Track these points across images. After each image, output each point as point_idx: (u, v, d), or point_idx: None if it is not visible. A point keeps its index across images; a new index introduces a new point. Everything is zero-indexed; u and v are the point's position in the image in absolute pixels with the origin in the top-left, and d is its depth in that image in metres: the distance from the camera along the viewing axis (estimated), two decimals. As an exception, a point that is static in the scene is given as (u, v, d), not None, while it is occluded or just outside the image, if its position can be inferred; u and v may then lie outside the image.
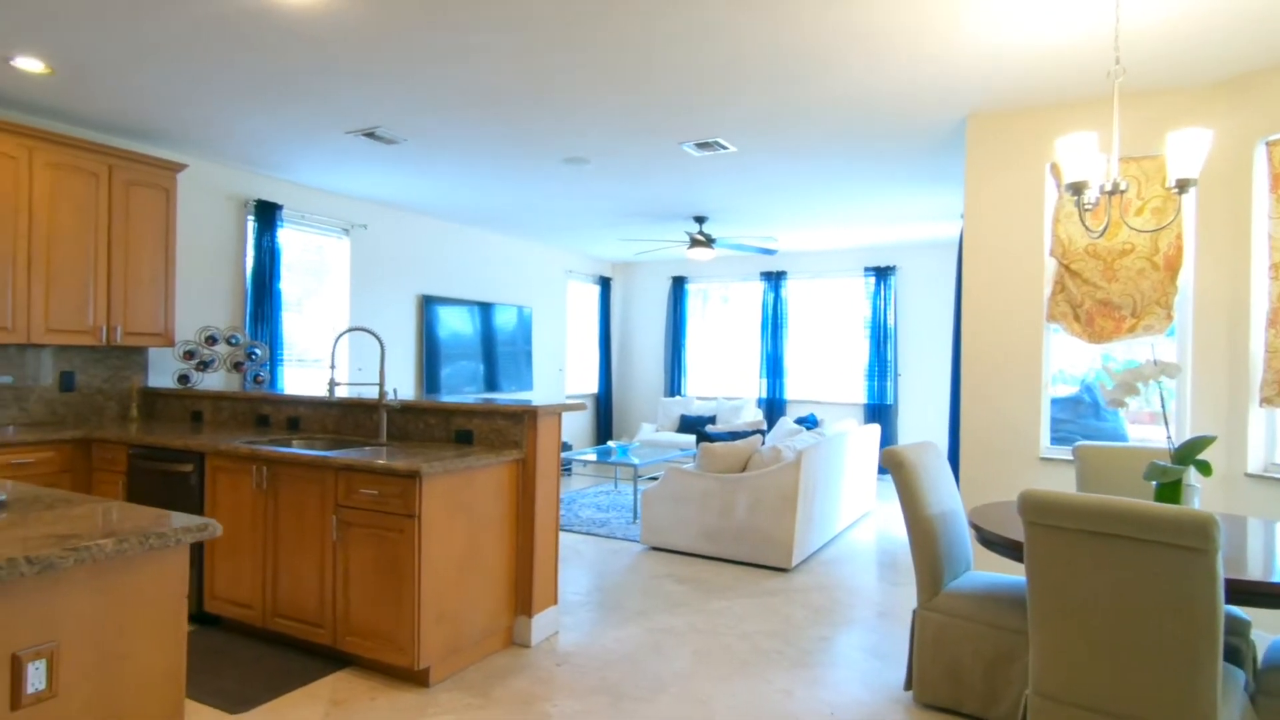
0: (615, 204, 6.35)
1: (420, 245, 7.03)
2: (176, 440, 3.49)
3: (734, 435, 5.35)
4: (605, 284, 9.76)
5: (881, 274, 8.36)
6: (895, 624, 3.62)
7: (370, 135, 4.47)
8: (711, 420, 8.36)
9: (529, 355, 8.35)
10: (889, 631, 3.51)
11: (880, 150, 4.61)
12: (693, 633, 3.45)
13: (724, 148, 4.59)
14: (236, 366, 4.86)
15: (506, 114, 4.06)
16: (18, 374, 4.17)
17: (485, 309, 7.75)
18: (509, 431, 3.33)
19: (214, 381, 5.05)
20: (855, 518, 5.91)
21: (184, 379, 4.61)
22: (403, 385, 6.86)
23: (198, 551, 3.42)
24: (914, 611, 2.60)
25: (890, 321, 8.31)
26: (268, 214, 5.43)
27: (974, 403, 3.87)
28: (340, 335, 3.54)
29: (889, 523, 6.03)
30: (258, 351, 4.97)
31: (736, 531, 4.65)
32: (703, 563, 4.69)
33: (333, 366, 3.46)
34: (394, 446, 3.35)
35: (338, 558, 2.99)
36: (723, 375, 9.44)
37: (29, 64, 3.43)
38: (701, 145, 4.55)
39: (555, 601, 3.46)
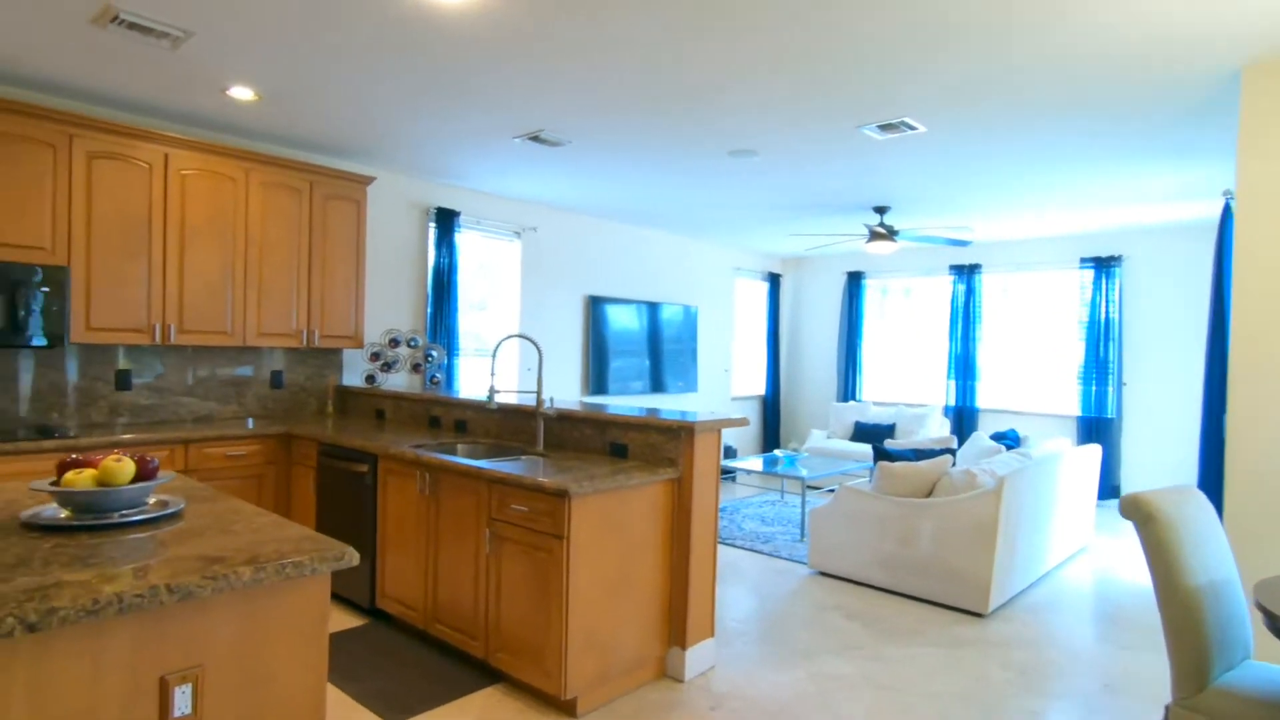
0: (786, 197, 5.95)
1: (587, 246, 7.07)
2: (355, 441, 3.68)
3: (918, 454, 4.77)
4: (774, 281, 9.32)
5: (1103, 265, 7.17)
6: (1128, 703, 2.96)
7: (536, 139, 4.47)
8: (890, 431, 7.66)
9: (694, 355, 8.16)
10: (1121, 714, 2.87)
11: (1110, 119, 3.83)
12: (866, 685, 3.04)
13: (911, 128, 4.06)
14: (415, 367, 5.12)
15: (667, 108, 3.85)
16: (237, 373, 4.65)
17: (651, 308, 7.66)
18: (664, 448, 3.12)
19: (397, 381, 5.36)
20: (1068, 555, 5.07)
21: (370, 378, 4.91)
22: (569, 384, 6.95)
23: (371, 549, 3.57)
24: (1167, 709, 2.04)
25: (1113, 319, 7.11)
26: (447, 220, 5.68)
27: (1249, 428, 3.06)
28: (499, 344, 3.53)
29: (1111, 561, 5.11)
30: (434, 353, 5.20)
31: (920, 564, 4.12)
32: (878, 596, 4.21)
33: (492, 374, 3.45)
34: (549, 457, 3.28)
35: (490, 571, 2.95)
36: (903, 379, 8.65)
37: (241, 93, 3.76)
38: (885, 127, 4.06)
39: (712, 634, 3.21)
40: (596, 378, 7.08)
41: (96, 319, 3.79)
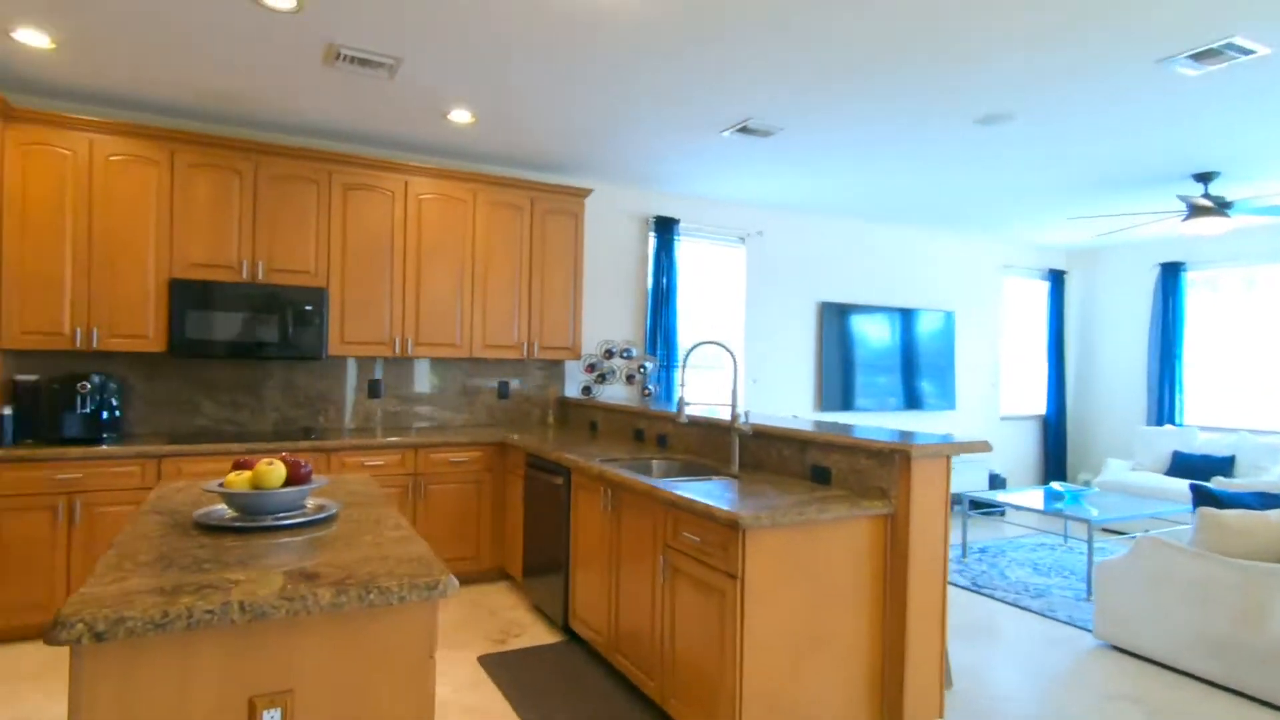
0: (1059, 171, 4.84)
1: (818, 248, 6.50)
2: (552, 452, 3.62)
3: (1265, 499, 3.48)
4: (1056, 279, 7.80)
5: None
6: None
7: (744, 130, 4.12)
8: (1226, 466, 5.88)
9: (951, 368, 7.09)
10: None
11: None
12: (1174, 827, 2.15)
13: (1243, 52, 2.96)
14: (630, 379, 5.03)
15: (892, 67, 3.25)
16: (468, 383, 4.95)
17: (898, 315, 6.82)
18: (873, 475, 2.55)
19: (613, 393, 5.33)
20: None
21: (586, 390, 4.93)
22: (799, 399, 6.41)
23: (565, 565, 3.47)
24: None
25: None
26: (666, 228, 5.56)
27: None
28: (689, 352, 3.23)
29: None
30: (647, 365, 5.07)
31: (1271, 654, 2.93)
32: (1198, 690, 3.09)
33: (681, 384, 3.15)
34: (740, 479, 2.88)
35: (665, 604, 2.64)
36: (1244, 399, 6.63)
37: (460, 115, 3.97)
38: (1203, 56, 3.01)
39: (940, 714, 2.53)
40: (832, 392, 6.44)
41: (348, 334, 4.24)
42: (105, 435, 3.62)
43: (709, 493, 2.54)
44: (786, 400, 6.33)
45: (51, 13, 2.86)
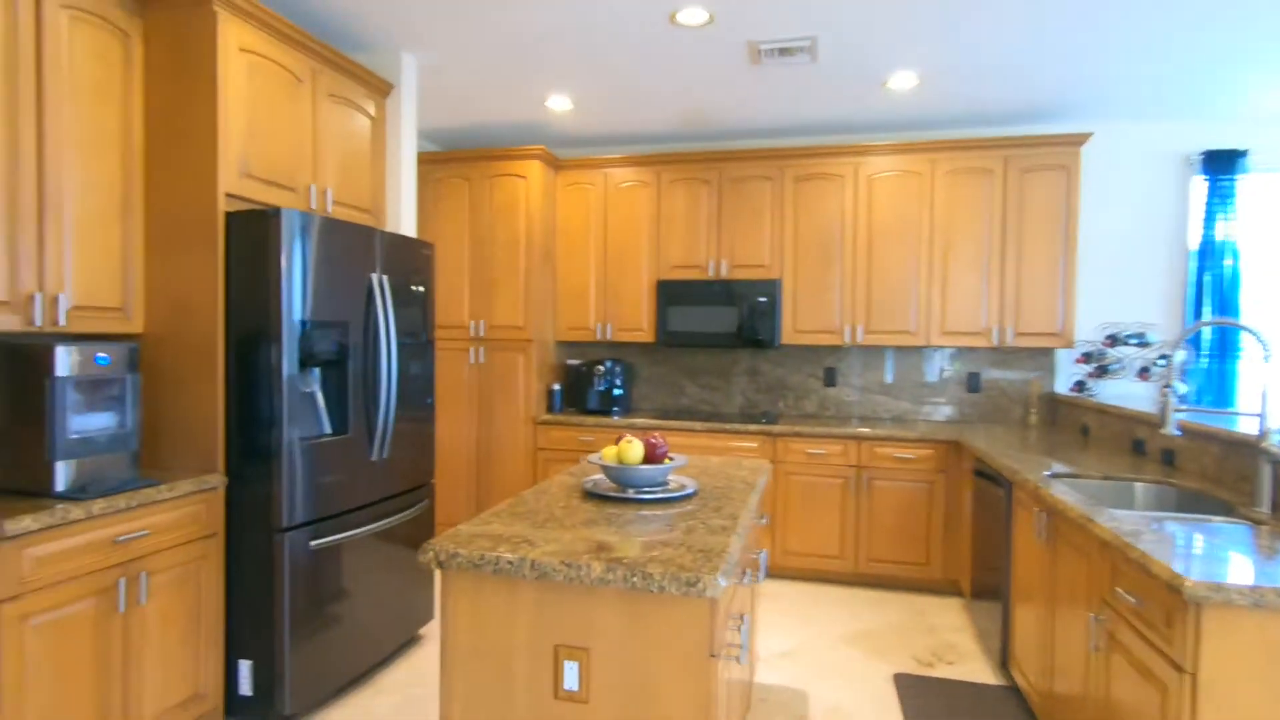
0: None
1: None
2: (994, 457, 3.04)
3: None
4: None
5: None
6: None
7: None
8: None
9: None
10: None
11: None
12: None
13: None
14: (1143, 372, 3.83)
15: None
16: (930, 373, 4.52)
17: None
18: None
19: (1121, 391, 4.12)
20: None
21: (1079, 385, 3.96)
22: None
23: (1006, 593, 2.88)
24: None
25: None
26: (1222, 166, 4.03)
27: None
28: (1183, 337, 2.28)
29: None
30: (1171, 355, 3.76)
31: None
32: None
33: (1167, 387, 2.26)
34: (1272, 526, 1.92)
35: (1096, 679, 1.95)
36: None
37: (902, 80, 3.64)
38: None
39: None
40: None
41: (800, 323, 4.35)
42: (614, 408, 4.56)
43: (1183, 539, 1.76)
44: None
45: (573, 83, 3.72)
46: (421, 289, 3.16)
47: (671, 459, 2.23)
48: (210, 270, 2.47)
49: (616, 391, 4.56)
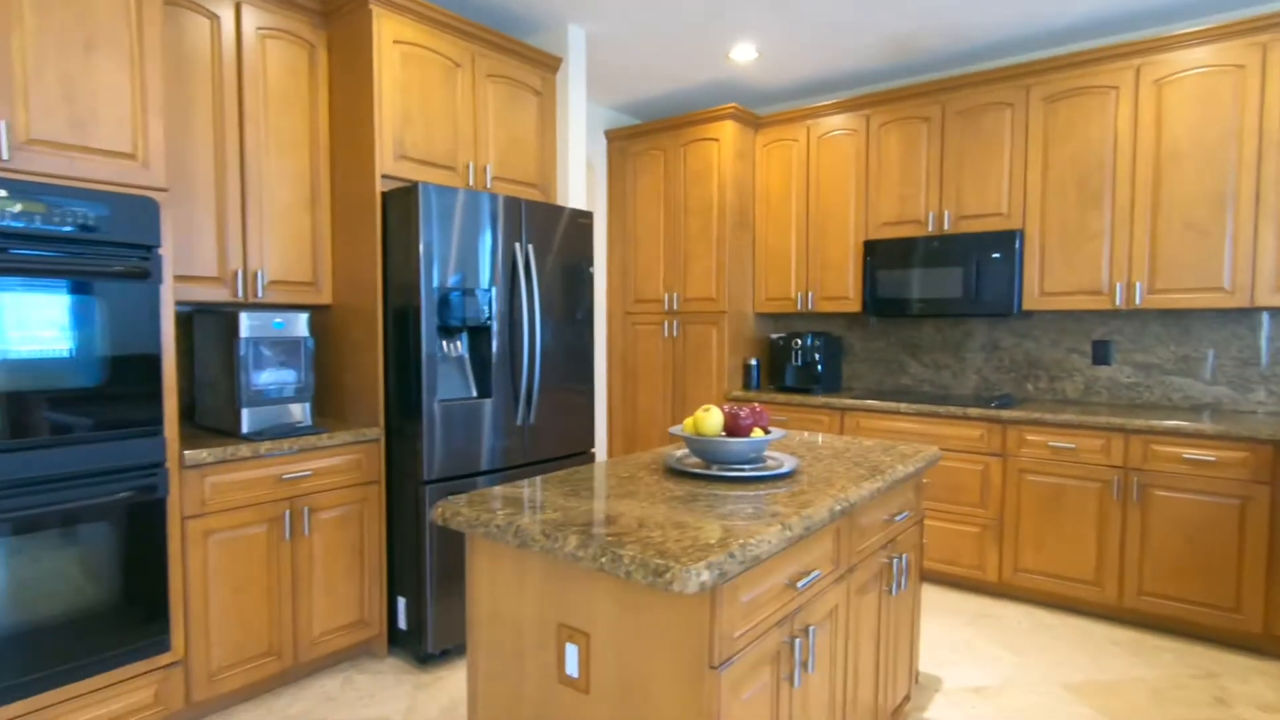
0: None
1: None
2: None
3: None
4: None
5: None
6: None
7: None
8: None
9: None
10: None
11: None
12: None
13: None
14: None
15: None
16: (1238, 344, 3.26)
17: None
18: None
19: None
20: None
21: None
22: None
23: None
24: None
25: None
26: None
27: None
28: None
29: None
30: None
31: None
32: None
33: None
34: None
35: None
36: None
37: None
38: None
39: None
40: None
41: (1050, 283, 3.45)
42: (814, 386, 4.10)
43: None
44: None
45: (755, 27, 3.41)
46: (577, 258, 3.13)
47: (768, 432, 1.86)
48: (371, 246, 2.71)
49: (819, 368, 4.10)
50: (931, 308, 3.69)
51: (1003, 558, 3.33)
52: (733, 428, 1.79)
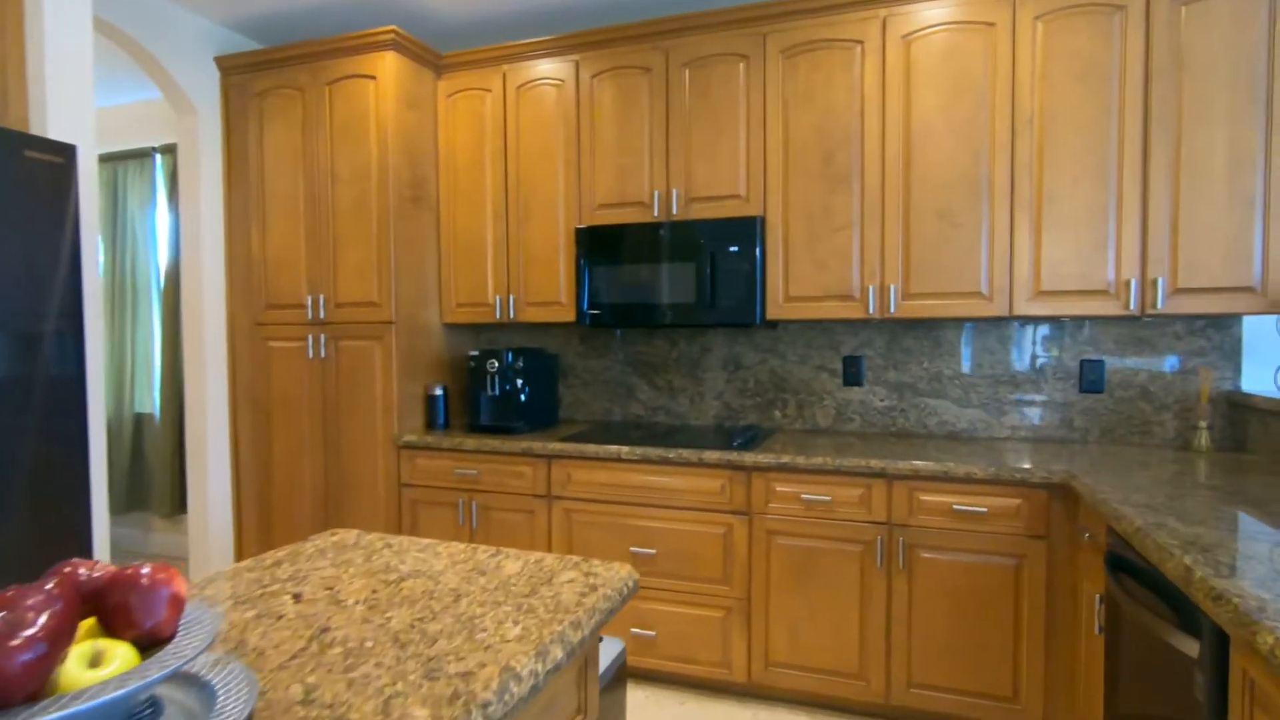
0: None
1: None
2: (1151, 527, 1.35)
3: None
4: None
5: None
6: None
7: None
8: None
9: None
10: None
11: None
12: None
13: None
14: None
15: None
16: (1020, 361, 2.80)
17: None
18: None
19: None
20: None
21: (1299, 379, 2.18)
22: None
23: None
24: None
25: None
26: None
27: None
28: None
29: None
30: None
31: None
32: None
33: None
34: None
35: None
36: None
37: None
38: None
39: None
40: None
41: (797, 285, 2.72)
42: (516, 423, 3.04)
43: None
44: None
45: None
46: (45, 226, 1.74)
47: (180, 611, 0.70)
48: None
49: (522, 397, 3.04)
50: (660, 315, 2.81)
51: (752, 649, 2.51)
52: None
